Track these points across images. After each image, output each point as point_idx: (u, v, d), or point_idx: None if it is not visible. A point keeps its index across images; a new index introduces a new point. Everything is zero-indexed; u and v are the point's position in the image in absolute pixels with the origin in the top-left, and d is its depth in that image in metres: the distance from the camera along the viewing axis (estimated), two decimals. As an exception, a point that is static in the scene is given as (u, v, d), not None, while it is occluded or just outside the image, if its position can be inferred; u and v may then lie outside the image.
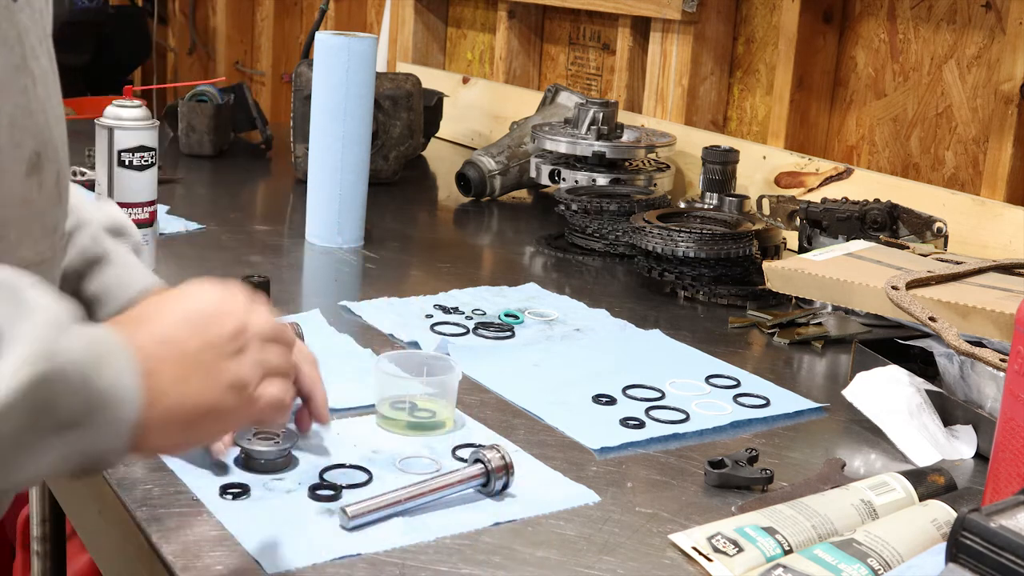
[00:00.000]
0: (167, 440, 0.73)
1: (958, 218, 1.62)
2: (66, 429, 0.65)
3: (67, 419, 0.65)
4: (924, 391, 1.15)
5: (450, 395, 1.10)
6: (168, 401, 0.71)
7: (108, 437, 0.68)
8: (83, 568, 1.71)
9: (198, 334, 0.74)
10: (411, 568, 0.85)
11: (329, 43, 1.69)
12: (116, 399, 0.67)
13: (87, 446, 0.67)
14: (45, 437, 0.64)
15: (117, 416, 0.68)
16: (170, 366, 0.72)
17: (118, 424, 0.68)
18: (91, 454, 0.68)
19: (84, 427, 0.66)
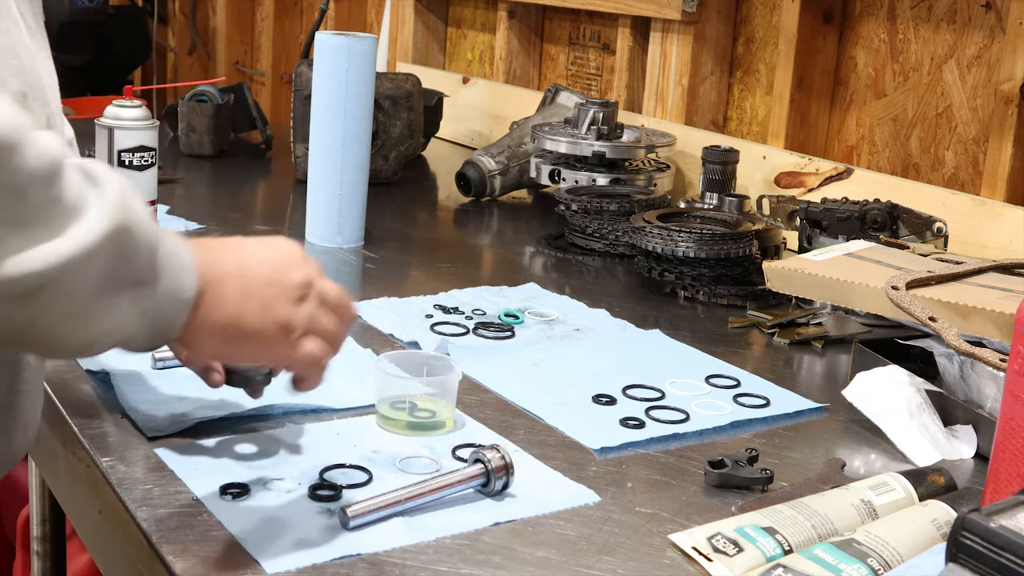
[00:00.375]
0: (212, 344, 0.81)
1: (958, 218, 1.62)
2: (136, 285, 0.73)
3: (138, 274, 0.72)
4: (924, 391, 1.15)
5: (450, 395, 1.10)
6: (224, 311, 0.79)
7: (169, 305, 0.76)
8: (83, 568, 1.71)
9: (268, 272, 0.82)
10: (411, 568, 0.85)
11: (329, 43, 1.69)
12: (176, 266, 0.76)
13: (152, 307, 0.74)
14: (121, 288, 0.71)
15: (177, 284, 0.76)
16: (235, 285, 0.80)
17: (178, 293, 0.76)
18: (154, 319, 0.75)
19: (151, 286, 0.74)
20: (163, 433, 1.04)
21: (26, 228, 0.65)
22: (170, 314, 0.77)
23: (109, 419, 1.07)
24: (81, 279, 0.68)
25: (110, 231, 0.69)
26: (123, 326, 0.74)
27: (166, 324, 0.77)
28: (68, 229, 0.67)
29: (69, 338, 0.71)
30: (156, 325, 0.76)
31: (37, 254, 0.65)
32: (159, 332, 0.77)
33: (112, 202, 0.70)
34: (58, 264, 0.66)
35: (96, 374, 1.15)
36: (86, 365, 1.16)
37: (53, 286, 0.67)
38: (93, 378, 1.15)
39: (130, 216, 0.71)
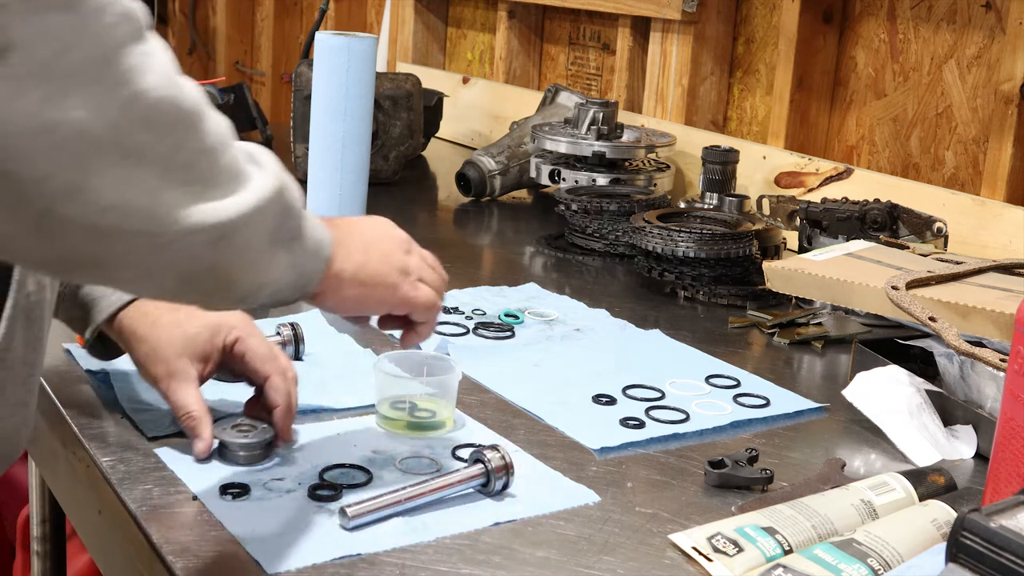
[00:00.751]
0: (343, 293, 0.91)
1: (958, 218, 1.62)
2: (291, 241, 0.82)
3: (292, 231, 0.81)
4: (924, 391, 1.15)
5: (450, 395, 1.10)
6: (351, 262, 0.91)
7: (312, 261, 0.85)
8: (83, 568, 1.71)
9: (378, 230, 0.98)
10: (411, 568, 0.85)
11: (329, 43, 1.69)
12: (313, 227, 0.86)
13: (301, 261, 0.83)
14: (280, 243, 0.80)
15: (317, 243, 0.86)
16: (356, 242, 0.93)
17: (318, 251, 0.86)
18: (300, 272, 0.84)
19: (300, 242, 0.83)
20: (163, 433, 1.04)
21: (213, 186, 0.72)
22: (312, 269, 0.86)
23: (109, 419, 1.07)
24: (256, 230, 0.76)
25: (275, 190, 0.78)
26: (280, 278, 0.82)
27: (308, 278, 0.86)
28: (246, 186, 0.75)
29: (240, 284, 0.78)
30: (300, 279, 0.85)
31: (227, 205, 0.73)
32: (302, 285, 0.86)
33: (272, 168, 0.79)
34: (243, 214, 0.74)
35: (96, 374, 1.15)
36: (86, 365, 1.16)
37: (235, 234, 0.74)
38: (93, 378, 1.15)
39: (286, 180, 0.80)
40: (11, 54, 0.60)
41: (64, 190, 0.64)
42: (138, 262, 0.70)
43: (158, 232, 0.69)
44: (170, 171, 0.68)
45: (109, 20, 0.63)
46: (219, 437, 0.99)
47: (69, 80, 0.62)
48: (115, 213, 0.66)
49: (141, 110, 0.65)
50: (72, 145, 0.63)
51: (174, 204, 0.69)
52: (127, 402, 1.09)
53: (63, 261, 0.69)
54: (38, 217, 0.65)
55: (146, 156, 0.67)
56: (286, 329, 1.24)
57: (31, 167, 0.62)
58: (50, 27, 0.61)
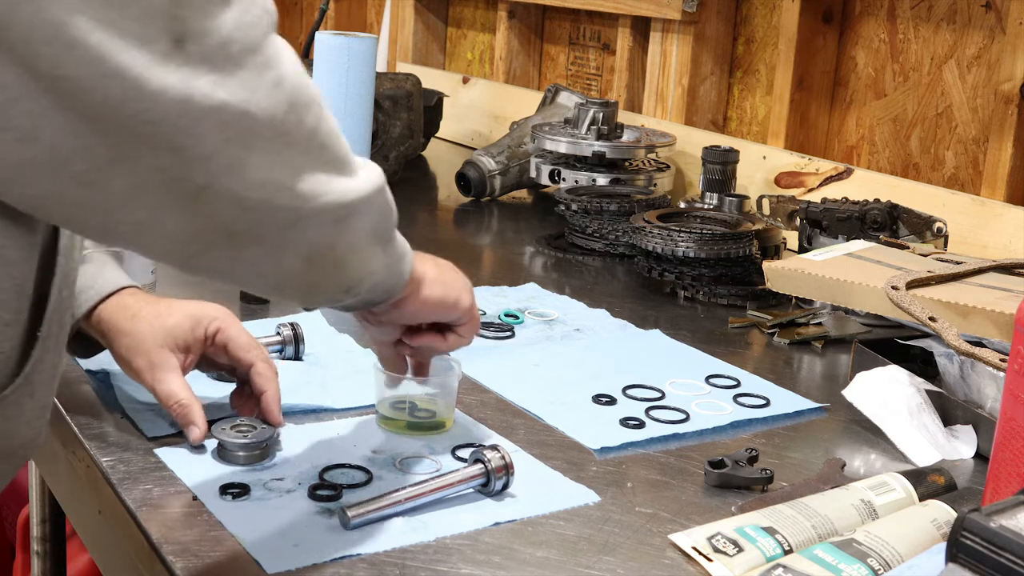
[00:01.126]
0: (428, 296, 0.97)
1: (958, 218, 1.62)
2: (388, 240, 0.87)
3: (388, 231, 0.87)
4: (924, 391, 1.15)
5: (450, 395, 1.10)
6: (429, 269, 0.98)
7: (401, 264, 0.91)
8: (83, 568, 1.71)
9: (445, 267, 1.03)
10: (411, 568, 0.85)
11: (329, 43, 1.69)
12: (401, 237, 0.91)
13: (393, 262, 0.89)
14: (380, 239, 0.86)
15: (404, 248, 0.92)
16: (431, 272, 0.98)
17: (404, 255, 0.91)
18: (391, 273, 0.90)
19: (393, 244, 0.89)
20: (163, 433, 1.04)
21: (340, 166, 0.78)
22: (401, 270, 0.92)
23: (109, 419, 1.07)
24: (368, 215, 0.82)
25: (382, 183, 0.84)
26: (379, 270, 0.87)
27: (395, 281, 0.91)
28: (360, 172, 0.81)
29: (352, 268, 0.84)
30: (391, 278, 0.90)
31: (351, 186, 0.79)
32: (390, 287, 0.91)
33: (373, 165, 0.85)
34: (362, 197, 0.80)
35: (96, 374, 1.15)
36: (86, 365, 1.16)
37: (354, 216, 0.80)
38: (93, 378, 1.15)
39: (384, 180, 0.86)
40: (187, 43, 0.65)
41: (226, 166, 0.69)
42: (273, 236, 0.75)
43: (298, 206, 0.74)
44: (310, 150, 0.74)
45: (256, 12, 0.70)
46: (219, 437, 0.99)
47: (232, 66, 0.68)
48: (265, 189, 0.72)
49: (287, 93, 0.71)
50: (237, 124, 0.68)
51: (313, 181, 0.75)
52: (127, 402, 1.09)
53: (200, 236, 0.73)
54: (196, 192, 0.69)
55: (292, 135, 0.72)
56: (286, 329, 1.25)
57: (201, 144, 0.67)
58: (215, 18, 0.67)
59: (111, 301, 1.05)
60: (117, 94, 0.64)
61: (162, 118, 0.65)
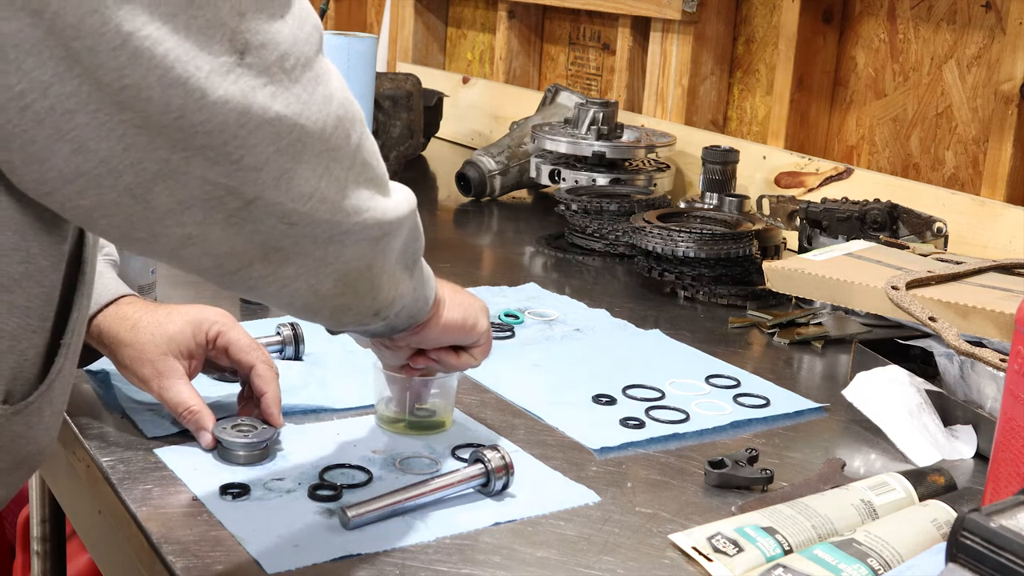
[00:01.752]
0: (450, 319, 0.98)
1: (958, 218, 1.62)
2: (415, 264, 0.89)
3: (416, 254, 0.89)
4: (924, 391, 1.15)
5: (450, 395, 1.10)
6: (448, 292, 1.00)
7: (426, 289, 0.93)
8: (83, 568, 1.71)
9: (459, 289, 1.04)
10: (411, 568, 0.85)
11: (329, 43, 1.69)
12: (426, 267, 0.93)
13: (419, 286, 0.91)
14: (408, 262, 0.87)
15: (429, 274, 0.94)
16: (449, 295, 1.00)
17: (429, 280, 0.93)
18: (417, 298, 0.91)
19: (420, 269, 0.90)
20: (163, 433, 1.04)
21: (378, 185, 0.79)
22: (426, 297, 0.93)
23: (109, 419, 1.07)
24: (401, 236, 0.83)
25: (414, 207, 0.85)
26: (407, 294, 0.89)
27: (420, 306, 0.93)
28: (395, 193, 0.82)
29: (384, 290, 0.85)
30: (417, 303, 0.92)
31: (388, 206, 0.80)
32: (415, 312, 0.93)
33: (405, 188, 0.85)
34: (399, 217, 0.81)
35: (96, 374, 1.15)
36: (86, 365, 1.16)
37: (390, 236, 0.81)
38: (93, 378, 1.15)
39: (415, 203, 0.86)
40: (248, 55, 0.67)
41: (275, 178, 0.70)
42: (314, 251, 0.76)
43: (340, 220, 0.75)
44: (354, 166, 0.76)
45: (308, 29, 0.71)
46: (219, 437, 0.99)
47: (288, 79, 0.69)
48: (311, 201, 0.73)
49: (335, 108, 0.73)
50: (289, 135, 0.69)
51: (356, 197, 0.76)
52: (127, 402, 1.09)
53: (242, 252, 0.73)
54: (243, 205, 0.70)
55: (339, 150, 0.73)
56: (286, 329, 1.25)
57: (254, 155, 0.68)
58: (274, 33, 0.68)
59: (109, 311, 1.05)
60: (179, 104, 0.64)
61: (221, 128, 0.66)
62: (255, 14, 0.67)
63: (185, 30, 0.64)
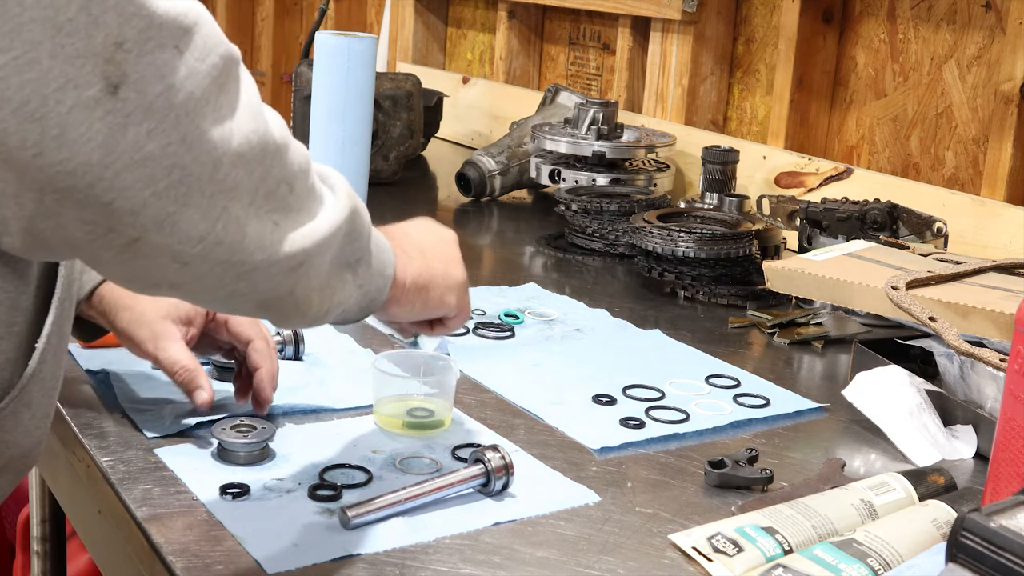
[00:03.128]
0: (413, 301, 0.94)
1: (958, 218, 1.62)
2: (357, 263, 0.84)
3: (360, 253, 0.84)
4: (924, 391, 1.15)
5: (448, 395, 1.10)
6: (414, 270, 0.94)
7: (379, 279, 0.88)
8: (83, 568, 1.71)
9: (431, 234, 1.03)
10: (411, 568, 0.85)
11: (329, 43, 1.69)
12: (380, 247, 0.88)
13: (367, 282, 0.86)
14: (348, 265, 0.83)
15: (382, 262, 0.88)
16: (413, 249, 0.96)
17: (383, 269, 0.88)
18: (366, 292, 0.86)
19: (367, 264, 0.85)
20: (163, 433, 1.04)
21: (293, 213, 0.75)
22: (378, 287, 0.89)
23: (109, 419, 1.07)
24: (328, 254, 0.79)
25: (348, 214, 0.81)
26: (348, 297, 0.84)
27: (373, 297, 0.88)
28: (320, 212, 0.78)
29: (314, 306, 0.81)
30: (366, 298, 0.87)
31: (304, 232, 0.75)
32: (367, 304, 0.88)
33: (344, 191, 0.82)
34: (318, 241, 0.77)
35: (96, 374, 1.15)
36: (86, 365, 1.16)
37: (312, 260, 0.77)
38: (93, 378, 1.15)
39: (357, 203, 0.83)
40: (123, 89, 0.62)
41: (156, 221, 0.66)
42: (220, 288, 0.72)
43: (242, 261, 0.71)
44: (256, 202, 0.71)
45: (212, 61, 0.66)
46: (219, 437, 0.99)
47: (172, 116, 0.64)
48: (204, 244, 0.68)
49: (234, 145, 0.68)
50: (170, 178, 0.65)
51: (259, 234, 0.71)
52: (127, 402, 1.09)
53: (142, 281, 0.71)
54: (128, 244, 0.66)
55: (236, 189, 0.69)
56: (286, 329, 1.25)
57: (128, 198, 0.64)
58: (161, 65, 0.63)
59: None
60: (35, 139, 0.60)
61: (84, 169, 0.62)
62: (138, 44, 0.62)
63: (50, 59, 0.60)
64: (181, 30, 0.64)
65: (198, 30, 0.66)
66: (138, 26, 0.62)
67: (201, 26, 0.66)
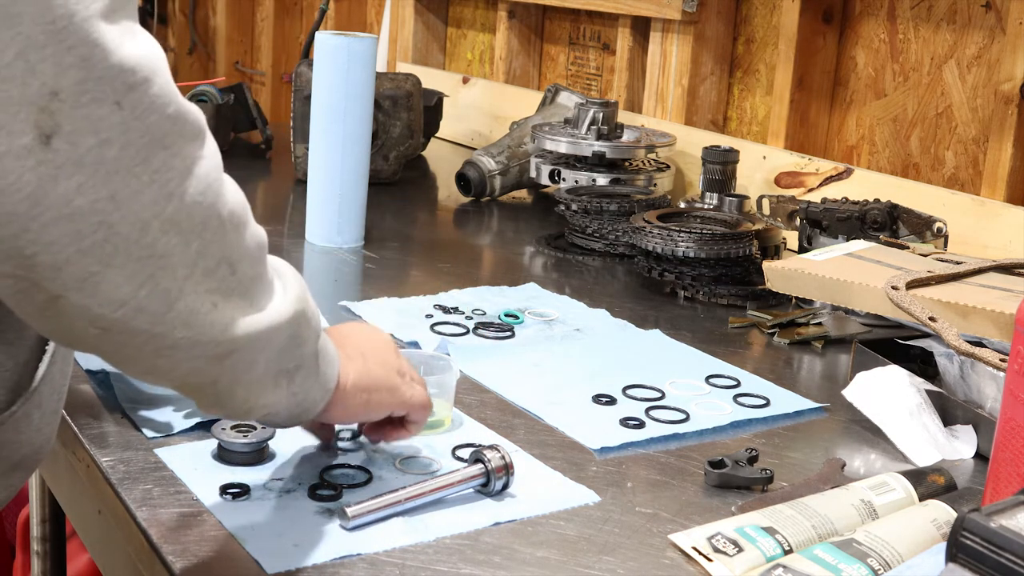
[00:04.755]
0: (352, 403, 0.90)
1: (958, 218, 1.62)
2: (297, 369, 0.80)
3: (301, 360, 0.80)
4: (924, 391, 1.15)
5: (448, 394, 1.10)
6: (354, 373, 0.90)
7: (317, 393, 0.84)
8: (83, 568, 1.71)
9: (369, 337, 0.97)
10: (411, 568, 0.85)
11: (329, 43, 1.69)
12: (328, 359, 0.85)
13: (303, 391, 0.82)
14: (285, 369, 0.79)
15: (326, 376, 0.85)
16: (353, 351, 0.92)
17: (325, 383, 0.85)
18: (300, 402, 0.83)
19: (307, 372, 0.82)
20: (163, 433, 1.04)
21: (235, 298, 0.72)
22: (314, 400, 0.85)
23: (109, 419, 1.07)
24: (264, 351, 0.75)
25: (293, 315, 0.77)
26: (278, 403, 0.81)
27: (307, 407, 0.85)
28: (267, 306, 0.75)
29: (237, 401, 0.78)
30: (299, 407, 0.84)
31: (244, 323, 0.72)
32: (299, 413, 0.85)
33: (296, 292, 0.78)
34: (253, 334, 0.73)
35: (96, 374, 1.15)
36: (86, 365, 1.16)
37: (242, 352, 0.73)
38: (93, 378, 1.15)
39: (307, 306, 0.80)
40: (55, 140, 0.61)
41: (78, 280, 0.64)
42: (139, 360, 0.70)
43: (163, 334, 0.68)
44: (194, 277, 0.68)
45: (155, 119, 0.64)
46: (219, 437, 0.99)
47: (103, 172, 0.62)
48: (124, 309, 0.66)
49: (172, 212, 0.66)
50: (95, 235, 0.63)
51: (190, 311, 0.69)
52: (127, 402, 1.09)
53: (68, 340, 0.70)
54: (49, 301, 0.65)
55: (167, 257, 0.66)
56: None
57: (52, 253, 0.62)
58: (96, 119, 0.62)
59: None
60: None
61: (8, 219, 0.61)
62: (73, 96, 0.61)
63: None
64: (125, 86, 0.62)
65: (146, 88, 0.63)
66: (75, 77, 0.61)
67: (152, 83, 0.64)
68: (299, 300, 0.78)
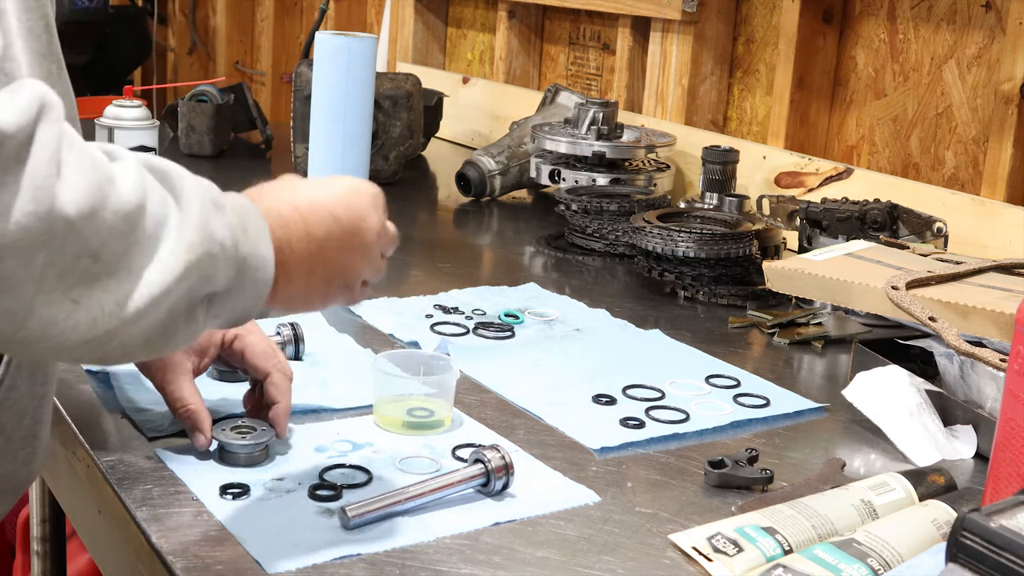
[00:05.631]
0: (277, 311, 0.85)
1: (958, 218, 1.62)
2: (213, 297, 0.75)
3: (216, 287, 0.74)
4: (924, 391, 1.15)
5: (448, 394, 1.10)
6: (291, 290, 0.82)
7: (247, 305, 0.79)
8: (83, 568, 1.71)
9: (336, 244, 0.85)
10: (411, 568, 0.85)
11: (329, 43, 1.69)
12: (255, 267, 0.77)
13: (233, 306, 0.77)
14: (197, 307, 0.74)
15: (257, 278, 0.77)
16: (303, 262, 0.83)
17: (258, 285, 0.78)
18: (228, 319, 0.79)
19: (233, 291, 0.76)
20: (163, 433, 1.04)
21: (104, 279, 0.67)
22: (245, 312, 0.80)
23: (109, 419, 1.07)
24: (156, 314, 0.71)
25: (186, 268, 0.71)
26: (197, 333, 0.77)
27: (238, 319, 0.80)
28: (144, 272, 0.69)
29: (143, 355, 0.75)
30: (228, 323, 0.80)
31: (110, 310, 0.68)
32: (231, 325, 0.81)
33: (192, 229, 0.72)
34: (131, 314, 0.69)
35: (96, 374, 1.15)
36: (86, 365, 1.16)
37: (122, 333, 0.70)
38: (93, 378, 1.15)
39: (210, 244, 0.73)
40: None
41: None
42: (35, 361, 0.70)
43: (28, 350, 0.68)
44: (45, 288, 0.65)
45: None
46: (219, 438, 0.99)
47: None
48: None
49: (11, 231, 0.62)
50: None
51: (41, 325, 0.66)
52: (127, 402, 1.09)
53: None
54: None
55: (7, 280, 0.64)
56: (286, 329, 1.25)
57: None
58: None
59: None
60: None
61: None
62: None
63: None
64: None
65: None
66: None
67: None
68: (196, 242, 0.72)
